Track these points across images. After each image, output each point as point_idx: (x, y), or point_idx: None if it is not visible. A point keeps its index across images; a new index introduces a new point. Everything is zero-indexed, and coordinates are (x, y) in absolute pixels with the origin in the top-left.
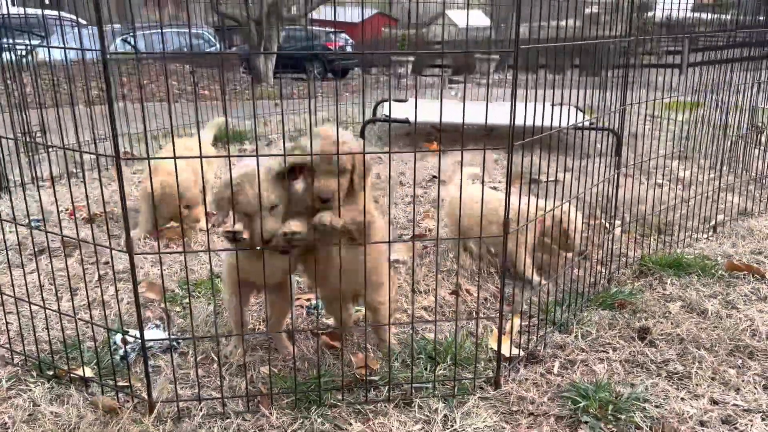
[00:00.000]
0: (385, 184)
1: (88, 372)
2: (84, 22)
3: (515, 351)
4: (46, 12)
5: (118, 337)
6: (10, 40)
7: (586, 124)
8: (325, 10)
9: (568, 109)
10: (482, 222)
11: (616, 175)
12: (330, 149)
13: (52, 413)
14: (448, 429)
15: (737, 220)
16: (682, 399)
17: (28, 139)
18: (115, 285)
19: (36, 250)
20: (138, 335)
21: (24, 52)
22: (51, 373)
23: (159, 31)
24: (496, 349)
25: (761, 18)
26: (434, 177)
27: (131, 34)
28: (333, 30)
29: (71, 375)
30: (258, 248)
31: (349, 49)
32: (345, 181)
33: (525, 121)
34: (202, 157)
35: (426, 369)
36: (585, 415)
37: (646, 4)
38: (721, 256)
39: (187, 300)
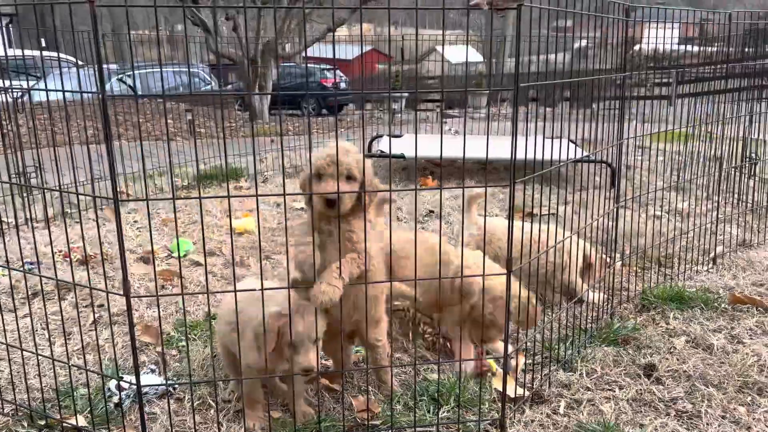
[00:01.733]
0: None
1: (81, 421)
2: (81, 62)
3: (520, 391)
4: (44, 53)
5: (113, 384)
6: (7, 83)
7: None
8: (319, 47)
9: (561, 143)
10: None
11: (615, 209)
12: (335, 154)
13: None
14: None
15: (736, 251)
16: None
17: (22, 181)
18: (111, 329)
19: (30, 293)
20: (133, 381)
21: (20, 93)
22: (43, 422)
23: (155, 70)
24: (500, 389)
25: (748, 50)
26: (431, 211)
27: (127, 73)
28: (328, 67)
29: (64, 424)
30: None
31: (343, 85)
32: (352, 187)
33: (524, 155)
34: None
35: (429, 411)
36: None
37: (633, 37)
38: (722, 289)
39: (182, 343)
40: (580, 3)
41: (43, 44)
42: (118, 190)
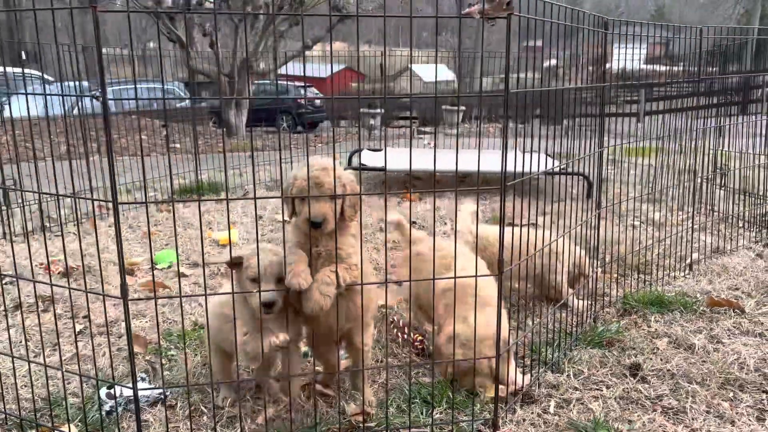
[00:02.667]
0: (366, 230)
1: (74, 430)
2: (51, 78)
3: (527, 379)
4: (16, 69)
5: (103, 392)
6: None
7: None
8: (294, 65)
9: (539, 156)
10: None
11: (596, 216)
12: (320, 174)
13: None
14: None
15: (711, 258)
16: None
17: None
18: (108, 336)
19: (16, 302)
20: (129, 386)
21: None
22: (33, 431)
23: (133, 86)
24: (491, 395)
25: (712, 69)
26: (413, 222)
27: (99, 90)
28: (302, 84)
29: None
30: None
31: (318, 102)
32: (337, 207)
33: (511, 166)
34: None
35: (422, 413)
36: None
37: (612, 51)
38: (699, 293)
39: (171, 352)
40: (557, 17)
41: (24, 57)
42: (98, 204)
